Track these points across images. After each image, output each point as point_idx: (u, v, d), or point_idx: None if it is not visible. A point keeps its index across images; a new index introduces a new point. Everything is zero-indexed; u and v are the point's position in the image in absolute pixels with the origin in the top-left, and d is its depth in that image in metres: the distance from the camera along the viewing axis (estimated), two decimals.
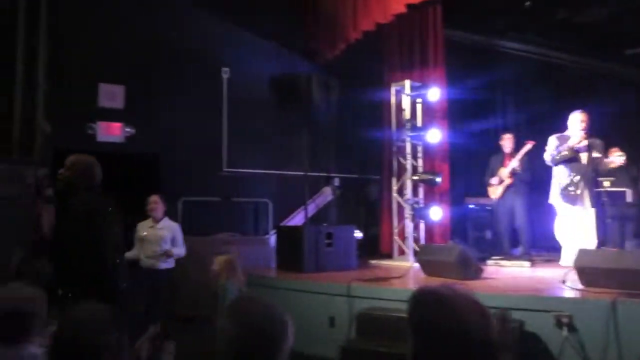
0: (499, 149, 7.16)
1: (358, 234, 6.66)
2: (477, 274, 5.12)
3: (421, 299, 1.44)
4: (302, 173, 6.69)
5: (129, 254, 5.36)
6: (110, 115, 7.06)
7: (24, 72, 6.59)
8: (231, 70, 7.87)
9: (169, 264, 5.51)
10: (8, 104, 6.49)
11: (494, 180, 6.99)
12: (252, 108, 7.82)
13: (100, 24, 7.04)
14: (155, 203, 5.58)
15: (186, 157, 7.34)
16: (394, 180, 7.49)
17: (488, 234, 7.73)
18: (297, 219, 7.96)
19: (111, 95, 7.06)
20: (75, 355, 1.63)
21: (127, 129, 7.12)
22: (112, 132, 7.05)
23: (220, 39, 7.82)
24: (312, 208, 7.42)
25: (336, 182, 8.50)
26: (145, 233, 5.51)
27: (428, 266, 5.45)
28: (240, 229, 7.58)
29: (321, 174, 8.15)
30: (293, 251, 6.10)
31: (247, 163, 7.81)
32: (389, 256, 7.34)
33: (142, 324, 4.89)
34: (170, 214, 7.01)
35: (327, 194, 8.41)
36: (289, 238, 6.29)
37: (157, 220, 5.56)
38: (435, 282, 2.97)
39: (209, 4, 7.72)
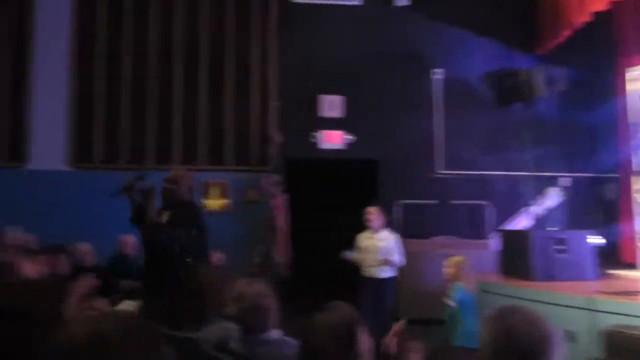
0: None
1: (598, 240, 5.96)
2: None
3: None
4: (525, 173, 6.30)
5: (351, 255, 5.64)
6: (331, 124, 7.52)
7: (259, 91, 7.43)
8: (444, 71, 7.74)
9: (391, 272, 5.60)
10: (246, 121, 7.37)
11: None
12: (467, 107, 7.60)
13: (318, 40, 7.55)
14: (373, 214, 5.69)
15: (402, 161, 7.44)
16: (634, 179, 6.56)
17: None
18: (519, 222, 7.48)
19: (331, 105, 7.52)
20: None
21: (347, 136, 7.51)
22: (333, 139, 7.50)
23: (432, 39, 7.76)
24: (537, 210, 6.89)
25: (564, 181, 7.76)
26: (364, 244, 5.67)
27: None
28: (458, 232, 7.40)
29: (546, 173, 7.52)
30: (518, 257, 5.72)
31: (463, 164, 7.59)
32: (632, 266, 6.43)
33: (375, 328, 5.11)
34: (388, 217, 7.20)
35: (553, 195, 7.72)
36: (514, 243, 5.93)
37: (375, 231, 5.67)
38: None
39: (420, 5, 7.72)
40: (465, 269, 4.67)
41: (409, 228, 7.23)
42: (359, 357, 1.76)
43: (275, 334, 2.27)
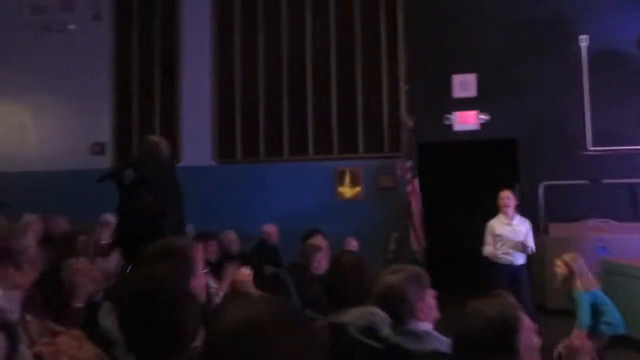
0: None
1: None
2: None
3: None
4: None
5: (487, 251, 5.40)
6: (465, 104, 7.22)
7: (388, 75, 7.38)
8: (590, 37, 7.00)
9: (524, 259, 5.36)
10: (377, 106, 7.37)
11: None
12: (619, 76, 6.81)
13: (448, 17, 7.28)
14: (508, 199, 5.43)
15: (545, 138, 6.91)
16: None
17: None
18: None
19: (464, 84, 7.21)
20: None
21: (482, 116, 7.16)
22: (468, 120, 7.19)
23: (576, 2, 7.06)
24: None
25: None
26: (500, 230, 5.42)
27: None
28: (614, 215, 6.68)
29: None
30: None
31: (617, 139, 6.81)
32: None
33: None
34: (531, 199, 6.74)
35: None
36: None
37: (510, 217, 5.41)
38: None
39: None
40: (579, 267, 4.12)
41: (553, 211, 6.71)
42: (518, 354, 1.61)
43: (423, 326, 2.19)
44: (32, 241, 2.01)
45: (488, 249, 5.41)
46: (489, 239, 5.46)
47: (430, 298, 2.22)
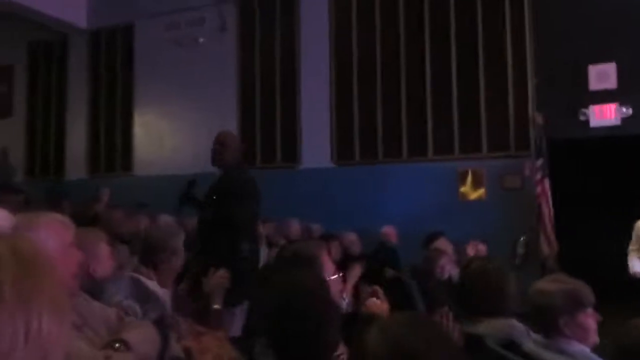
0: None
1: None
2: None
3: None
4: None
5: (632, 261, 4.91)
6: (602, 97, 6.58)
7: (514, 67, 6.94)
8: None
9: None
10: (502, 102, 6.97)
11: None
12: None
13: (582, 4, 6.71)
14: None
15: None
16: None
17: None
18: None
19: (602, 75, 6.57)
20: None
21: (624, 109, 6.48)
22: (606, 115, 6.54)
23: None
24: None
25: None
26: None
27: None
28: None
29: None
30: None
31: None
32: None
33: None
34: None
35: None
36: None
37: None
38: None
39: None
40: None
41: None
42: None
43: (575, 346, 2.00)
44: (181, 241, 2.14)
45: (633, 258, 4.92)
46: (635, 240, 4.99)
47: (585, 318, 2.00)
